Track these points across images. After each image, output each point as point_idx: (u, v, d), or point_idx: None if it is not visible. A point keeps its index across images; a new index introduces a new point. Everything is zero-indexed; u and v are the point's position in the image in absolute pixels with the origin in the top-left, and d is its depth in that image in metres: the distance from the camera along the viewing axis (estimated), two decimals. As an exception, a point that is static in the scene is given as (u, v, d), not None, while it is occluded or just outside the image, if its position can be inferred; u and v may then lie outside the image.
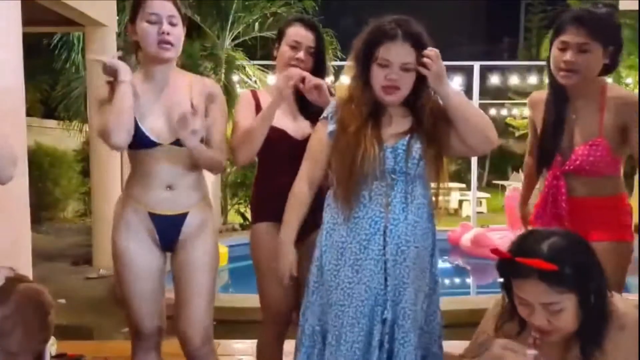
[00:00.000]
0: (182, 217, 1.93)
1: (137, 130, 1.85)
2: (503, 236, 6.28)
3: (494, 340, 1.50)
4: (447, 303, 2.54)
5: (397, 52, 1.72)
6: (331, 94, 2.09)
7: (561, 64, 1.90)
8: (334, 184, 1.84)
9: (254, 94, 2.19)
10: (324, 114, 1.89)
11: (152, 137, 1.86)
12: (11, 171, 1.63)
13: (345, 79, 1.95)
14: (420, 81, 1.77)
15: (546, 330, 1.41)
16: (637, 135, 1.89)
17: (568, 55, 1.87)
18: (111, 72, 1.85)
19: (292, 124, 2.11)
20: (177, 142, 1.86)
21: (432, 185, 1.86)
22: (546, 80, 2.14)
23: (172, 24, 1.85)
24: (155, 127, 1.87)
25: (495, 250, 1.47)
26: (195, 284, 1.94)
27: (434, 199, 1.86)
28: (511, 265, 1.42)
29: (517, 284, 1.42)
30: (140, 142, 1.86)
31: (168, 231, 1.94)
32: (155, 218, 1.92)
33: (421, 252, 1.79)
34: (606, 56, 1.90)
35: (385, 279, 1.76)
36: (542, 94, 2.09)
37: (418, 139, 1.79)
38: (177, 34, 1.87)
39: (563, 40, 1.89)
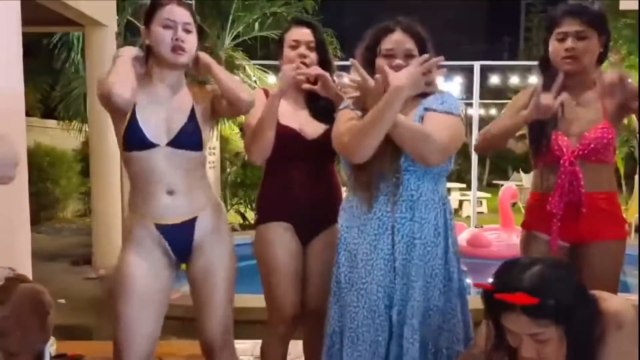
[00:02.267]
0: (191, 223, 1.89)
1: (136, 129, 1.83)
2: (497, 236, 6.28)
3: None
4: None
5: (399, 41, 1.79)
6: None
7: (562, 52, 2.00)
8: (352, 181, 1.84)
9: (266, 92, 2.18)
10: (343, 105, 1.88)
11: (150, 137, 1.83)
12: (11, 172, 1.62)
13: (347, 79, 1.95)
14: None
15: None
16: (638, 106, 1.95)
17: (568, 43, 1.99)
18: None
19: (303, 124, 2.11)
20: (174, 144, 1.84)
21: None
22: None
23: (186, 31, 1.86)
24: (154, 128, 1.85)
25: (478, 284, 1.46)
26: (213, 292, 1.91)
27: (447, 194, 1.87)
28: (494, 298, 1.42)
29: (503, 315, 1.42)
30: (137, 142, 1.84)
31: (179, 241, 1.89)
32: (162, 229, 1.87)
33: (431, 249, 1.78)
34: (601, 44, 2.03)
35: (395, 278, 1.77)
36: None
37: None
38: (191, 41, 1.88)
39: (561, 31, 2.01)
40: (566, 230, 2.00)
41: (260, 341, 2.31)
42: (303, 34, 2.13)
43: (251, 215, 8.60)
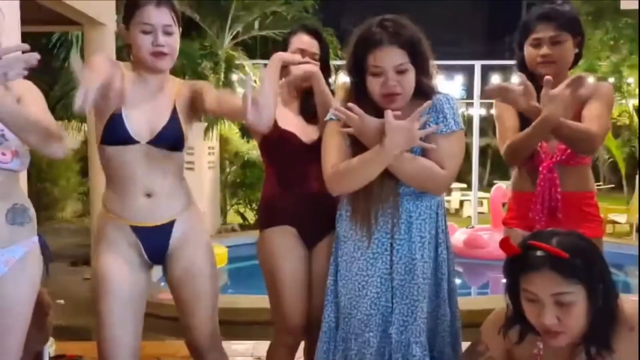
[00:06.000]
0: (168, 226, 1.84)
1: (119, 123, 1.76)
2: (489, 236, 6.25)
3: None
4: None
5: (388, 57, 1.65)
6: (332, 93, 2.09)
7: (538, 58, 2.01)
8: (349, 202, 1.81)
9: None
10: (332, 116, 1.81)
11: (131, 133, 1.76)
12: (54, 147, 1.62)
13: (345, 78, 1.92)
14: (421, 80, 1.73)
15: (555, 331, 1.39)
16: (592, 105, 1.97)
17: (543, 49, 2.00)
18: None
19: (300, 128, 2.10)
20: (155, 143, 1.79)
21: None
22: None
23: (167, 33, 1.76)
24: (136, 125, 1.78)
25: (504, 244, 1.45)
26: (198, 294, 1.88)
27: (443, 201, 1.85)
28: (521, 259, 1.41)
29: (528, 278, 1.40)
30: (118, 136, 1.76)
31: (154, 244, 1.85)
32: (138, 231, 1.81)
33: (428, 262, 1.77)
34: (575, 45, 2.04)
35: (392, 297, 1.75)
36: None
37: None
38: (173, 43, 1.78)
39: (535, 37, 2.02)
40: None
41: (260, 342, 2.30)
42: (310, 44, 2.10)
43: (251, 216, 8.59)
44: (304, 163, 2.04)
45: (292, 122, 2.10)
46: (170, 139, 1.81)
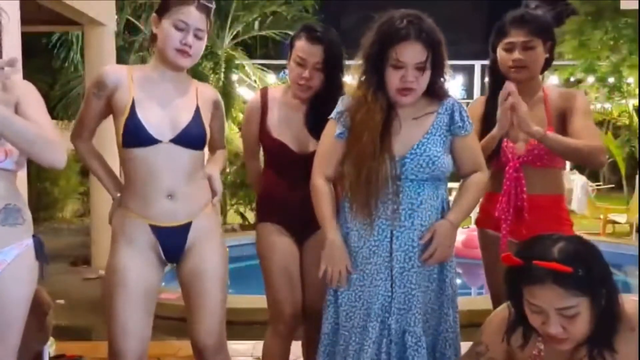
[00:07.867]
0: (186, 226, 1.87)
1: (137, 125, 1.77)
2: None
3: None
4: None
5: (411, 52, 1.68)
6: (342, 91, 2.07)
7: (509, 63, 2.04)
8: (347, 191, 1.81)
9: (263, 95, 2.18)
10: (332, 115, 1.84)
11: (151, 132, 1.78)
12: (52, 157, 1.56)
13: (350, 79, 1.91)
14: (435, 80, 1.76)
15: (561, 339, 1.38)
16: (579, 120, 2.00)
17: (515, 54, 2.03)
18: None
19: (293, 138, 2.11)
20: (178, 141, 1.81)
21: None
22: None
23: (198, 37, 1.81)
24: (156, 123, 1.79)
25: (506, 258, 1.44)
26: (207, 293, 1.89)
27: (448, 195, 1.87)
28: (523, 272, 1.39)
29: (531, 291, 1.39)
30: (138, 137, 1.78)
31: (173, 243, 1.87)
32: (157, 230, 1.84)
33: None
34: (546, 50, 2.06)
35: (392, 286, 1.75)
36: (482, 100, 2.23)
37: (431, 141, 1.76)
38: (198, 48, 1.83)
39: (508, 41, 2.04)
40: (514, 229, 2.03)
41: (260, 342, 2.30)
42: (311, 52, 2.02)
43: (251, 216, 8.58)
44: (297, 169, 2.06)
45: (285, 132, 2.11)
46: (192, 137, 1.84)
